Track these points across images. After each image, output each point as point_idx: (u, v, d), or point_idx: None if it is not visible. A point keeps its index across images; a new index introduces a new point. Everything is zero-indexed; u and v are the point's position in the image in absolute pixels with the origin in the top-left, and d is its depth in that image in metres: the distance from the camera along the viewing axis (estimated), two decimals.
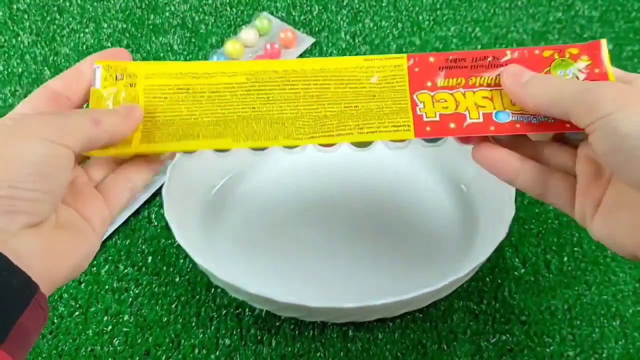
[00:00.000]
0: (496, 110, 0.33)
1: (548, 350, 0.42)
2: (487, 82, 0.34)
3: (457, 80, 0.34)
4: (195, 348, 0.42)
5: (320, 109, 0.34)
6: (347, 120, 0.34)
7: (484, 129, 0.33)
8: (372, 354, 0.42)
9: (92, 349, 0.42)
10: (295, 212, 0.48)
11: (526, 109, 0.32)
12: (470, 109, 0.33)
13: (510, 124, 0.33)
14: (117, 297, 0.45)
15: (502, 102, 0.33)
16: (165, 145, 0.34)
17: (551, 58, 0.34)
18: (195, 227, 0.45)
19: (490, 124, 0.33)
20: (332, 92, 0.34)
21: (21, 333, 0.26)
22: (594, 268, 0.45)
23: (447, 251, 0.45)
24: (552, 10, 0.64)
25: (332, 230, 0.47)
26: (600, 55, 0.33)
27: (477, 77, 0.34)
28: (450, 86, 0.34)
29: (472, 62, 0.34)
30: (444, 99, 0.33)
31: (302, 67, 0.35)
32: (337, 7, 0.65)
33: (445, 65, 0.34)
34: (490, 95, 0.33)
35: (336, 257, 0.45)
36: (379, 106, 0.34)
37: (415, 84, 0.34)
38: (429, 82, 0.34)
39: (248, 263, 0.45)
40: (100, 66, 0.34)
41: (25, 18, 0.64)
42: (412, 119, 0.33)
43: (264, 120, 0.34)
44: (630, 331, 0.42)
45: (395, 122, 0.33)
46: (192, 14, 0.64)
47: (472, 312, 0.43)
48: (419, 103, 0.34)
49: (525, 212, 0.48)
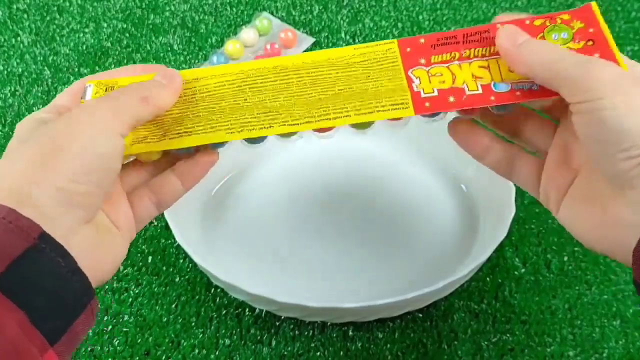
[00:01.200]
0: (494, 81, 0.32)
1: (549, 349, 0.42)
2: (482, 52, 0.33)
3: (450, 55, 0.33)
4: (195, 348, 0.42)
5: (313, 93, 0.33)
6: (343, 102, 0.33)
7: (485, 99, 0.32)
8: (372, 353, 0.42)
9: (92, 349, 0.42)
10: (294, 212, 0.48)
11: (518, 72, 0.31)
12: (467, 81, 0.32)
13: (511, 92, 0.32)
14: (117, 297, 0.45)
15: (500, 71, 0.32)
16: (158, 144, 0.34)
17: (543, 26, 0.33)
18: (195, 227, 0.45)
19: (490, 94, 0.32)
20: (325, 77, 0.34)
21: (72, 336, 0.26)
22: (594, 268, 0.45)
23: (447, 251, 0.45)
24: (552, 10, 0.64)
25: (332, 229, 0.47)
26: (592, 17, 0.32)
27: (471, 50, 0.33)
28: (444, 60, 0.33)
29: (464, 39, 0.33)
30: (439, 72, 0.33)
31: (293, 62, 0.34)
32: (337, 7, 0.65)
33: (437, 43, 0.34)
34: (487, 64, 0.33)
35: (336, 257, 0.45)
36: (375, 85, 0.33)
37: (408, 62, 0.33)
38: (422, 59, 0.33)
39: (248, 263, 0.45)
40: (91, 84, 0.34)
41: (25, 18, 0.64)
42: (410, 96, 0.32)
43: (257, 110, 0.33)
44: (631, 331, 0.42)
45: (393, 101, 0.32)
46: (192, 14, 0.64)
47: (472, 311, 0.43)
48: (415, 79, 0.33)
49: (525, 212, 0.48)
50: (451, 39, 0.33)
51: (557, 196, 0.31)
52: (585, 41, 0.32)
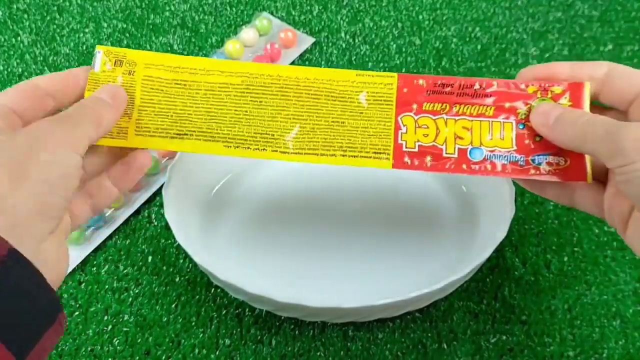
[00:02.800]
0: (472, 146, 0.35)
1: (548, 350, 0.42)
2: (470, 111, 0.35)
3: (441, 106, 0.35)
4: (195, 348, 0.42)
5: (309, 120, 0.35)
6: (332, 139, 0.35)
7: (457, 167, 0.35)
8: (372, 353, 0.42)
9: (92, 349, 0.42)
10: (295, 212, 0.48)
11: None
12: (448, 140, 0.35)
13: (482, 162, 0.34)
14: (117, 297, 0.45)
15: (480, 135, 0.35)
16: (158, 142, 0.35)
17: (534, 95, 0.35)
18: (195, 227, 0.45)
19: (464, 161, 0.35)
20: (322, 104, 0.36)
21: (40, 351, 0.26)
22: (594, 268, 0.45)
23: (447, 251, 0.45)
24: (552, 10, 0.64)
25: (332, 230, 0.47)
26: (581, 97, 0.34)
27: (462, 106, 0.35)
28: (434, 111, 0.35)
29: (459, 89, 0.35)
30: (426, 124, 0.35)
31: (296, 75, 0.36)
32: (337, 7, 0.65)
33: (433, 89, 0.35)
34: (470, 126, 0.35)
35: (336, 257, 0.45)
36: (365, 125, 0.35)
37: (401, 104, 0.35)
38: (415, 104, 0.35)
39: (248, 263, 0.45)
40: (101, 51, 0.35)
41: (25, 18, 0.64)
42: (392, 147, 0.35)
43: (255, 128, 0.35)
44: (631, 331, 0.42)
45: (377, 148, 0.35)
46: (192, 13, 0.64)
47: (472, 312, 0.43)
48: (402, 127, 0.35)
49: (525, 212, 0.48)
50: (447, 87, 0.35)
51: (621, 221, 0.32)
52: None
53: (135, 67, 0.35)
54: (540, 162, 0.34)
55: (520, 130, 0.35)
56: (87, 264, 0.46)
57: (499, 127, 0.35)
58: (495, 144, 0.34)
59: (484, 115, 0.35)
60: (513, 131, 0.35)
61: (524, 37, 0.61)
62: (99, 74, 0.35)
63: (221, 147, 0.35)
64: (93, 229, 0.47)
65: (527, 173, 0.34)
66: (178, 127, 0.35)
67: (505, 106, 0.35)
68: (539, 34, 0.62)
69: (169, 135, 0.35)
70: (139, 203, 0.49)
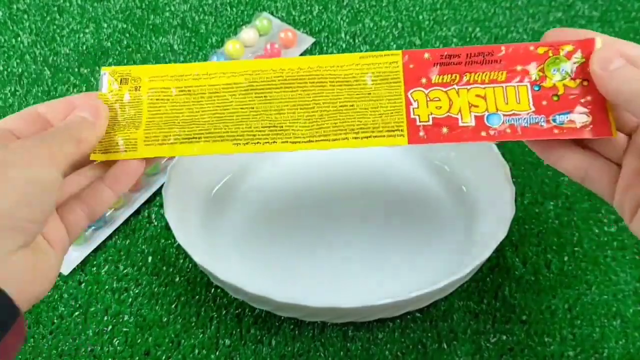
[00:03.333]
0: (488, 112, 0.34)
1: (548, 349, 0.42)
2: (482, 78, 0.34)
3: (451, 77, 0.34)
4: (195, 348, 0.42)
5: (316, 108, 0.35)
6: (342, 122, 0.34)
7: (476, 135, 0.33)
8: (372, 353, 0.42)
9: (92, 349, 0.42)
10: (295, 212, 0.48)
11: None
12: (462, 110, 0.34)
13: (501, 128, 0.33)
14: (117, 297, 0.45)
15: (495, 102, 0.34)
16: (167, 150, 0.35)
17: (545, 55, 0.34)
18: (195, 227, 0.45)
19: (482, 129, 0.33)
20: (328, 90, 0.35)
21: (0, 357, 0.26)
22: (594, 268, 0.45)
23: (447, 251, 0.45)
24: (552, 10, 0.64)
25: (332, 230, 0.47)
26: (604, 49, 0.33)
27: (472, 74, 0.34)
28: (444, 83, 0.34)
29: (467, 59, 0.34)
30: (437, 97, 0.34)
31: (299, 65, 0.36)
32: (337, 7, 0.65)
33: (440, 61, 0.34)
34: (483, 93, 0.34)
35: (336, 257, 0.45)
36: (374, 105, 0.34)
37: (410, 81, 0.34)
38: (423, 79, 0.34)
39: (248, 263, 0.45)
40: (106, 72, 0.36)
41: (25, 18, 0.64)
42: (405, 123, 0.34)
43: (263, 122, 0.35)
44: (631, 331, 0.42)
45: (390, 126, 0.34)
46: (192, 14, 0.64)
47: (472, 311, 0.43)
48: (413, 102, 0.34)
49: (525, 212, 0.48)
50: (454, 57, 0.34)
51: (630, 208, 0.31)
52: (581, 80, 0.33)
53: (141, 82, 0.36)
54: (563, 120, 0.33)
55: (536, 92, 0.33)
56: (87, 264, 0.46)
57: (514, 91, 0.34)
58: (512, 107, 0.33)
59: (496, 81, 0.34)
60: (529, 93, 0.33)
61: (524, 38, 0.61)
62: (107, 95, 0.36)
63: (231, 145, 0.35)
64: (93, 229, 0.47)
65: (551, 133, 0.33)
66: (186, 132, 0.35)
67: (517, 69, 0.34)
68: (539, 34, 0.61)
69: (177, 141, 0.35)
70: (139, 203, 0.49)
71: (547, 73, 0.34)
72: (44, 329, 0.43)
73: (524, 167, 0.51)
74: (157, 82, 0.36)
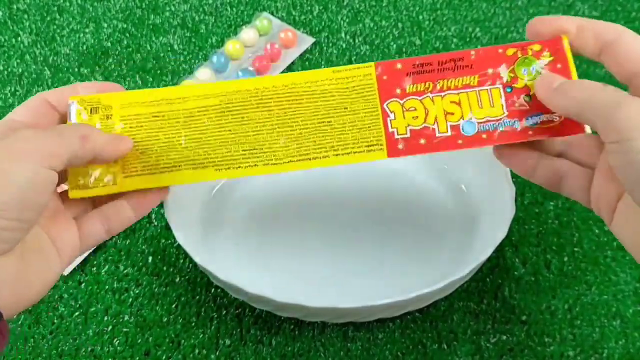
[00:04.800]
0: (464, 120, 0.34)
1: (548, 350, 0.42)
2: (455, 84, 0.35)
3: (425, 85, 0.35)
4: (195, 348, 0.42)
5: (295, 126, 0.35)
6: (322, 140, 0.35)
7: (453, 143, 0.34)
8: (372, 353, 0.42)
9: (92, 349, 0.42)
10: (295, 212, 0.48)
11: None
12: (438, 119, 0.34)
13: (477, 135, 0.34)
14: (117, 297, 0.45)
15: (470, 106, 0.34)
16: (148, 180, 0.34)
17: (514, 56, 0.34)
18: (195, 227, 0.45)
19: (458, 137, 0.34)
20: (304, 107, 0.35)
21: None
22: (594, 268, 0.45)
23: (447, 251, 0.45)
24: (552, 10, 0.64)
25: (332, 230, 0.47)
26: (562, 51, 0.34)
27: (445, 80, 0.35)
28: (418, 91, 0.35)
29: (439, 66, 0.35)
30: (413, 106, 0.34)
31: (273, 84, 0.35)
32: (337, 7, 0.65)
33: (413, 70, 0.35)
34: (458, 99, 0.34)
35: (336, 257, 0.45)
36: (352, 120, 0.35)
37: (384, 92, 0.35)
38: (398, 89, 0.35)
39: (248, 263, 0.45)
40: (74, 101, 0.34)
41: (25, 18, 0.64)
42: (384, 136, 0.34)
43: (242, 145, 0.35)
44: (631, 331, 0.42)
45: (369, 141, 0.34)
46: (192, 14, 0.64)
47: (472, 312, 0.43)
48: (390, 113, 0.35)
49: (525, 212, 0.48)
50: (426, 65, 0.35)
51: (607, 210, 0.32)
52: None
53: (112, 110, 0.34)
54: (535, 122, 0.34)
55: (508, 94, 0.34)
56: (87, 264, 0.46)
57: (487, 95, 0.34)
58: (486, 113, 0.34)
59: (469, 86, 0.34)
60: (502, 96, 0.34)
61: (524, 37, 0.61)
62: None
63: (213, 172, 0.34)
64: None
65: (526, 135, 0.34)
66: (165, 160, 0.34)
67: (489, 72, 0.34)
68: None
69: (157, 170, 0.34)
70: None
71: (517, 74, 0.34)
72: (44, 329, 0.43)
73: None
74: (129, 109, 0.35)
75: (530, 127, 0.34)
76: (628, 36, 0.31)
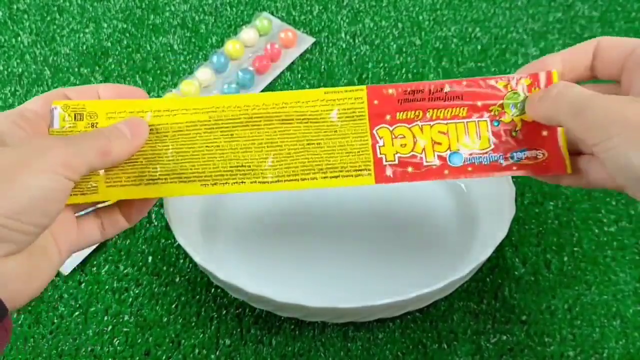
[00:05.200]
0: (451, 151, 0.35)
1: (548, 350, 0.42)
2: (444, 114, 0.35)
3: (414, 113, 0.35)
4: (195, 348, 0.42)
5: (283, 146, 0.35)
6: (310, 162, 0.35)
7: (439, 174, 0.35)
8: (372, 353, 0.42)
9: (92, 349, 0.42)
10: (295, 212, 0.48)
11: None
12: (426, 148, 0.35)
13: (463, 167, 0.35)
14: (117, 297, 0.45)
15: (457, 137, 0.35)
16: (131, 191, 0.34)
17: (505, 89, 0.35)
18: (195, 227, 0.45)
19: (445, 167, 0.35)
20: (294, 127, 0.35)
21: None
22: (594, 268, 0.45)
23: (447, 251, 0.45)
24: (552, 10, 0.64)
25: (333, 230, 0.47)
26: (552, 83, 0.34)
27: (435, 110, 0.35)
28: (408, 119, 0.35)
29: (429, 94, 0.35)
30: (402, 134, 0.35)
31: (264, 102, 0.35)
32: (337, 7, 0.65)
33: (404, 97, 0.35)
34: (446, 129, 0.35)
35: (336, 257, 0.45)
36: (341, 143, 0.35)
37: (374, 117, 0.35)
38: (388, 116, 0.35)
39: (248, 263, 0.45)
40: (57, 106, 0.34)
41: (25, 18, 0.64)
42: (372, 162, 0.35)
43: (230, 162, 0.34)
44: (631, 331, 0.42)
45: (357, 166, 0.35)
46: (192, 14, 0.64)
47: (472, 312, 0.43)
48: (379, 139, 0.35)
49: (525, 212, 0.48)
50: (418, 93, 0.35)
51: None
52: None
53: (97, 119, 0.34)
54: (520, 157, 0.34)
55: (495, 128, 0.35)
56: (87, 264, 0.46)
57: (475, 127, 0.35)
58: (473, 146, 0.35)
59: (457, 116, 0.35)
60: (489, 130, 0.35)
61: (524, 38, 0.61)
62: (60, 132, 0.34)
63: (198, 186, 0.34)
64: None
65: (510, 169, 0.34)
66: (150, 172, 0.34)
67: (478, 105, 0.35)
68: (539, 34, 0.62)
69: (142, 182, 0.34)
70: None
71: (506, 109, 0.35)
72: (44, 329, 0.43)
73: None
74: (116, 118, 0.34)
75: (514, 163, 0.34)
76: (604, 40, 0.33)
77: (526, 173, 0.34)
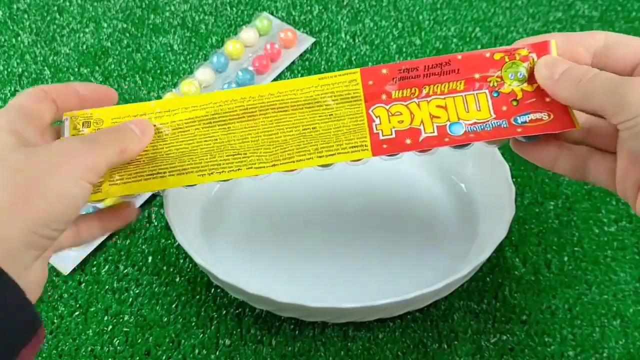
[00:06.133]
0: (450, 122, 0.34)
1: (549, 349, 0.42)
2: (441, 89, 0.34)
3: (411, 91, 0.34)
4: (195, 348, 0.42)
5: (279, 134, 0.35)
6: (306, 145, 0.34)
7: (439, 142, 0.34)
8: (372, 353, 0.42)
9: (92, 349, 0.42)
10: (295, 212, 0.48)
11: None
12: (425, 121, 0.34)
13: (464, 135, 0.34)
14: (117, 297, 0.45)
15: (456, 110, 0.34)
16: (132, 187, 0.35)
17: (502, 61, 0.34)
18: (195, 227, 0.45)
19: (445, 136, 0.34)
20: (290, 114, 0.35)
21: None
22: (594, 268, 0.45)
23: (447, 251, 0.45)
24: (552, 10, 0.64)
25: (332, 230, 0.47)
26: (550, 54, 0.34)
27: (431, 86, 0.34)
28: (404, 97, 0.34)
29: (425, 71, 0.34)
30: (399, 111, 0.34)
31: (259, 93, 0.35)
32: (337, 7, 0.65)
33: (399, 75, 0.35)
34: (444, 103, 0.34)
35: (336, 257, 0.45)
36: (337, 125, 0.34)
37: (370, 97, 0.35)
38: (383, 95, 0.35)
39: (248, 263, 0.45)
40: (68, 117, 0.35)
41: (25, 18, 0.64)
42: (369, 138, 0.34)
43: (227, 152, 0.35)
44: (631, 331, 0.42)
45: (353, 143, 0.34)
46: (192, 13, 0.64)
47: (472, 311, 0.43)
48: (375, 118, 0.34)
49: (525, 212, 0.48)
50: (413, 71, 0.34)
51: (633, 192, 0.32)
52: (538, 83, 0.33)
53: (103, 125, 0.35)
54: (525, 120, 0.33)
55: (495, 98, 0.34)
56: (87, 264, 0.46)
57: (474, 99, 0.34)
58: (474, 116, 0.34)
59: (455, 90, 0.34)
60: (488, 101, 0.34)
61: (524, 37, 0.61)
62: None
63: (195, 176, 0.35)
64: None
65: (514, 132, 0.33)
66: (150, 168, 0.35)
67: (475, 77, 0.34)
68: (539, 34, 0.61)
69: (142, 178, 0.35)
70: (139, 203, 0.49)
71: (505, 79, 0.34)
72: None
73: (524, 167, 0.51)
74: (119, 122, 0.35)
75: (519, 125, 0.33)
76: (612, 37, 0.32)
77: (531, 133, 0.33)
